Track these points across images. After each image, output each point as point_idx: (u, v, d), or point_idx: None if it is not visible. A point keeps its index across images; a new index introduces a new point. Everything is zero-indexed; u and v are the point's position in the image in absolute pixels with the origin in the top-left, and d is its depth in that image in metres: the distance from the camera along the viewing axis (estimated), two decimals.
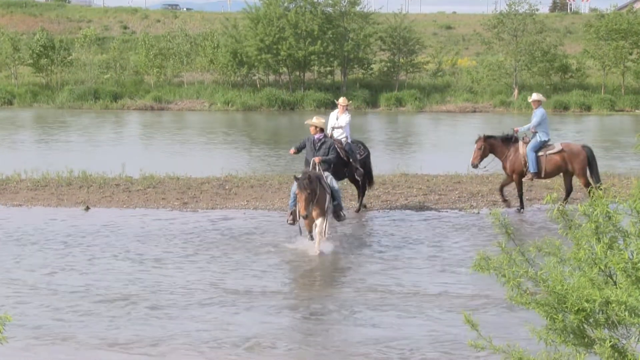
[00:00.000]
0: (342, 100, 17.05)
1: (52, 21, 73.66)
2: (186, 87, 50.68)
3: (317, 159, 13.98)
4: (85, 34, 56.38)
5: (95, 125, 38.48)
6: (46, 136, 33.52)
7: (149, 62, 51.41)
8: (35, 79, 52.32)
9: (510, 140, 17.06)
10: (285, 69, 52.13)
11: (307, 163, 14.65)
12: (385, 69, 53.82)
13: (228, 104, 47.34)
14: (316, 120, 14.61)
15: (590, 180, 16.43)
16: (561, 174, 17.05)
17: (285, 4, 51.98)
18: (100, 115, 43.17)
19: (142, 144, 32.32)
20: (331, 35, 51.02)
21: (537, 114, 17.00)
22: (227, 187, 19.21)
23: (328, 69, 53.12)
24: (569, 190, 17.11)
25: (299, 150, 14.94)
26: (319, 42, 50.00)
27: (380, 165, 22.03)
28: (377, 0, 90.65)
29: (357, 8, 53.15)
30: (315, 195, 12.94)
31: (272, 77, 52.97)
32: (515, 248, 6.11)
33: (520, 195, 17.06)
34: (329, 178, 13.83)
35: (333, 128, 16.43)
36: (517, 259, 6.07)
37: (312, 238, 13.50)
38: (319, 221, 13.23)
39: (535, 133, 16.95)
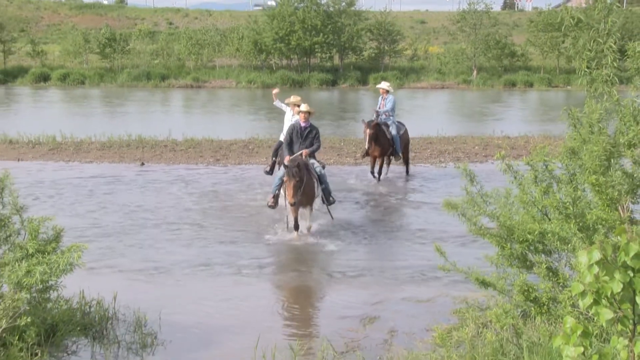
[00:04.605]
0: (293, 98, 12.95)
1: (114, 19, 72.74)
2: (218, 70, 50.15)
3: (305, 152, 11.24)
4: (139, 28, 56.10)
5: (147, 99, 38.23)
6: (110, 108, 33.35)
7: (188, 50, 50.94)
8: (101, 64, 51.80)
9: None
10: (295, 55, 51.54)
11: (289, 150, 11.33)
12: (373, 54, 53.22)
13: (251, 83, 46.86)
14: (304, 107, 11.49)
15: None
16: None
17: (295, 4, 51.31)
18: (151, 92, 42.87)
19: (184, 114, 32.15)
20: (331, 29, 50.41)
21: (391, 99, 14.79)
22: (250, 147, 19.16)
23: (328, 55, 52.39)
24: (407, 160, 15.73)
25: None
26: (321, 34, 49.44)
27: None
28: (367, 1, 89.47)
29: (352, 8, 52.55)
30: (303, 182, 10.54)
31: (284, 62, 52.38)
32: (477, 192, 6.08)
33: (380, 171, 14.98)
34: (314, 165, 11.37)
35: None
36: (478, 200, 6.06)
37: (296, 227, 10.86)
38: (307, 209, 11.05)
39: (391, 117, 14.86)
